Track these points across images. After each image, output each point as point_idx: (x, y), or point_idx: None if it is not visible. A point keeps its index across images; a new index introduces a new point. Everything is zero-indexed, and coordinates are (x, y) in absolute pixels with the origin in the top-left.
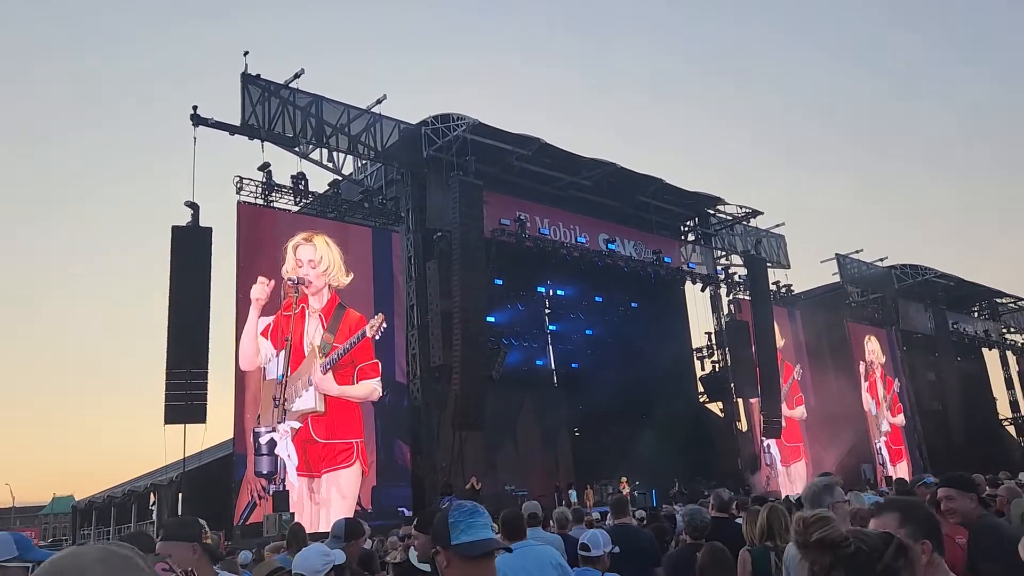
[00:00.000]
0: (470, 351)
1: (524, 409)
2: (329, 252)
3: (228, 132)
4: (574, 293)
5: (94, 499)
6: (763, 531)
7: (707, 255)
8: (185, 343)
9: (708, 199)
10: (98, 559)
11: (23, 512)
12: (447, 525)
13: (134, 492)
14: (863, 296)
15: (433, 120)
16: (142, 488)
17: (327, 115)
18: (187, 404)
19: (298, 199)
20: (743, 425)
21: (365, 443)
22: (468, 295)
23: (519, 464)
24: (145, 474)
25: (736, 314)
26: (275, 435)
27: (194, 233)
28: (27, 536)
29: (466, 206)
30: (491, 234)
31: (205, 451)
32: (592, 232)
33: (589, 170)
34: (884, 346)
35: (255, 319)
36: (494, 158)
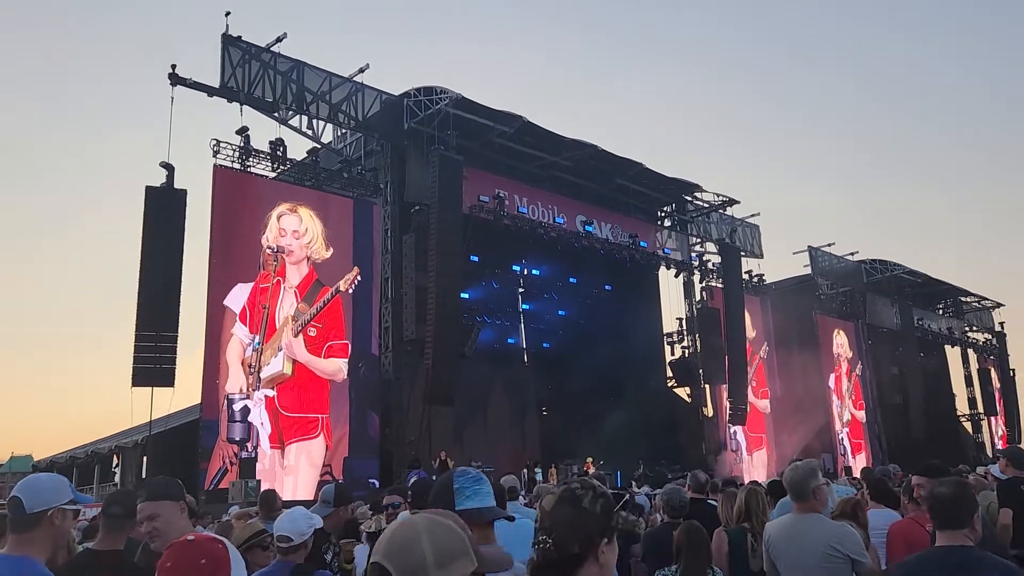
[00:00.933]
0: (443, 327)
1: (494, 387)
2: (313, 224)
3: (206, 94)
4: (549, 273)
5: (55, 459)
6: (740, 512)
7: (682, 241)
8: (155, 305)
9: (686, 185)
10: (426, 529)
11: None
12: (452, 491)
13: (97, 453)
14: (832, 289)
15: (416, 92)
16: (106, 450)
17: (308, 81)
18: (155, 367)
19: (276, 165)
20: (709, 411)
21: (331, 418)
22: (444, 270)
23: (487, 441)
24: (109, 436)
25: (708, 301)
26: (249, 402)
27: (168, 195)
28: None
29: (446, 181)
30: (469, 210)
31: (172, 415)
32: (570, 213)
33: (570, 151)
34: (852, 341)
35: (231, 329)
36: (475, 134)
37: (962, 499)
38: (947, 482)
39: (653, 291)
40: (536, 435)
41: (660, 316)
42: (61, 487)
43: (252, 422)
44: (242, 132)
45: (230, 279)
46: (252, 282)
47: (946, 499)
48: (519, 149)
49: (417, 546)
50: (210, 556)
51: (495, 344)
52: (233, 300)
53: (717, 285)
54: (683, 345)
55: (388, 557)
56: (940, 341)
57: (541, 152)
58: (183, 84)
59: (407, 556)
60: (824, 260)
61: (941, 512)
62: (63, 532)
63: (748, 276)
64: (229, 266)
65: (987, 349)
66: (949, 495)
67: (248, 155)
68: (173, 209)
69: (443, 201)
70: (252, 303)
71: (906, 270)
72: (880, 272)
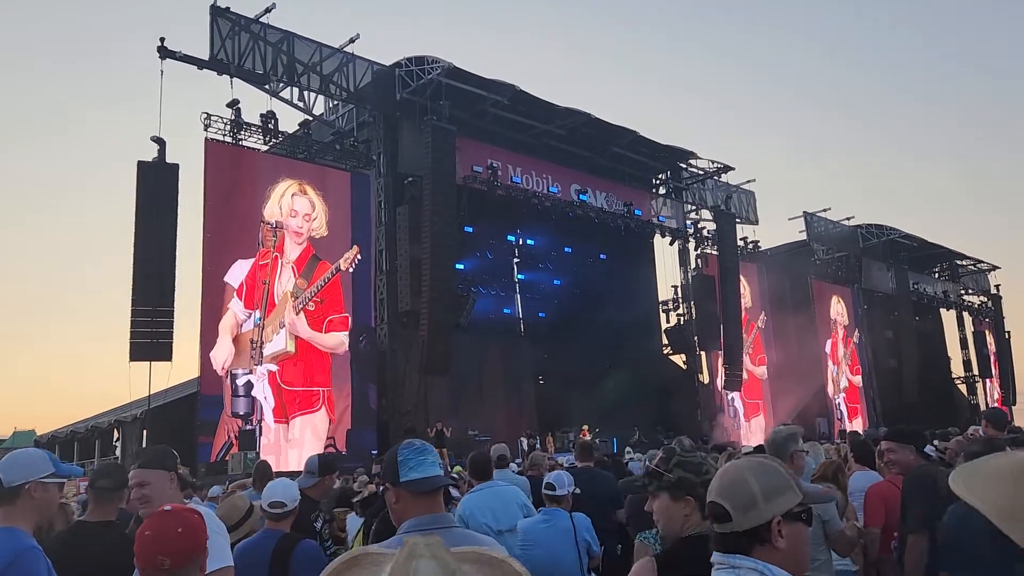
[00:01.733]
0: (438, 298)
1: (490, 357)
2: (322, 206)
3: (196, 67)
4: (544, 243)
5: (56, 433)
6: None
7: (677, 209)
8: (151, 281)
9: (681, 153)
10: (749, 469)
11: None
12: (396, 463)
13: (98, 428)
14: (828, 254)
15: (407, 62)
16: (106, 424)
17: (298, 53)
18: (152, 342)
19: (267, 138)
20: (705, 377)
21: (333, 391)
22: (438, 242)
23: (483, 410)
24: (109, 410)
25: (703, 268)
26: (252, 377)
27: (160, 169)
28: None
29: (438, 151)
30: (463, 181)
31: (170, 389)
32: (564, 182)
33: (563, 119)
34: (848, 307)
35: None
36: (468, 103)
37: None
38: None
39: (648, 259)
40: (532, 404)
41: (655, 284)
42: (39, 461)
43: (256, 396)
44: (233, 105)
45: (226, 254)
46: (251, 258)
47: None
48: (512, 118)
49: (744, 484)
50: (187, 525)
51: (491, 314)
52: (233, 276)
53: (712, 252)
54: (678, 312)
55: (722, 495)
56: (935, 305)
57: (534, 121)
58: (172, 57)
59: (739, 492)
60: (820, 225)
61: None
62: (46, 503)
63: (743, 243)
64: (225, 241)
65: (982, 312)
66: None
67: (239, 128)
68: (165, 184)
69: (436, 172)
70: (251, 279)
71: (902, 234)
72: (876, 237)
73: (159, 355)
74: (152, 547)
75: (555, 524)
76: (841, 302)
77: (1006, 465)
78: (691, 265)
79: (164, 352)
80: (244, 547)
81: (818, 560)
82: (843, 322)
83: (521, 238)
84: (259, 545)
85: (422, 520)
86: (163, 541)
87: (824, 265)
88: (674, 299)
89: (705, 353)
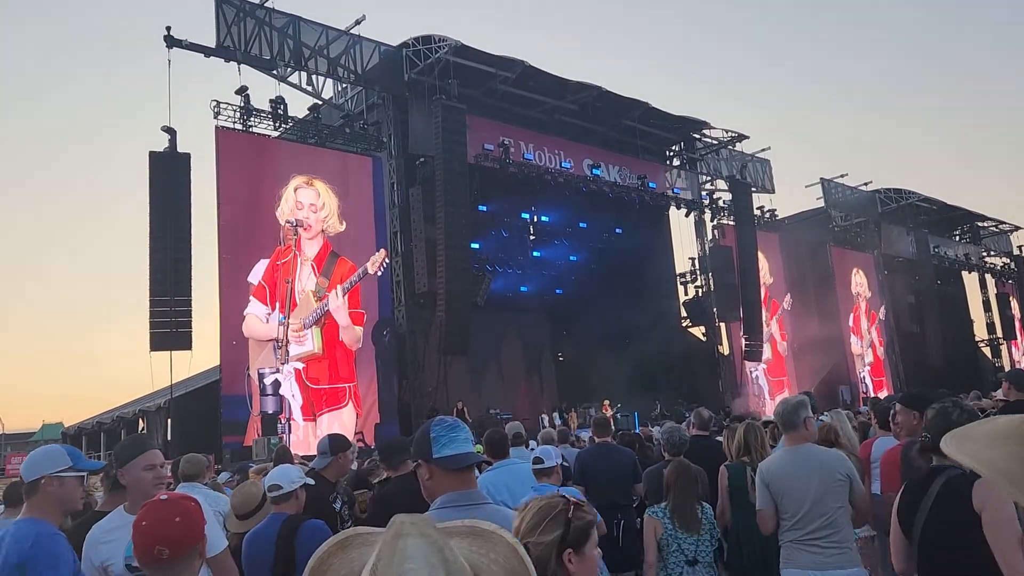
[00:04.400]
0: (454, 278)
1: (508, 335)
2: (330, 198)
3: (203, 54)
4: (558, 219)
5: (83, 425)
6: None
7: (692, 180)
8: (167, 271)
9: (694, 123)
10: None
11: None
12: (429, 440)
13: (123, 418)
14: (846, 220)
15: (414, 42)
16: (130, 414)
17: (305, 36)
18: (172, 331)
19: (277, 124)
20: (725, 349)
21: (359, 387)
22: (452, 222)
23: (504, 388)
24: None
25: (720, 239)
26: (279, 376)
27: (172, 159)
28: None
29: (449, 131)
30: (474, 159)
31: (192, 377)
32: (577, 157)
33: (574, 94)
34: (871, 279)
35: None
36: (477, 81)
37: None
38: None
39: (664, 231)
40: (552, 380)
41: (672, 256)
42: (55, 457)
43: (283, 395)
44: (242, 92)
45: (243, 246)
46: (269, 257)
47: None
48: (522, 95)
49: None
50: (184, 513)
51: (507, 292)
52: (254, 276)
53: (729, 223)
54: (696, 284)
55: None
56: (957, 268)
57: (545, 97)
58: (179, 46)
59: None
60: (837, 192)
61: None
62: (64, 496)
63: (760, 212)
64: (241, 232)
65: (1005, 273)
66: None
67: (249, 115)
68: (178, 174)
69: (447, 152)
70: (270, 278)
71: (921, 198)
72: (895, 201)
73: (179, 344)
74: (150, 537)
75: None
76: (861, 272)
77: (1003, 428)
78: (708, 236)
79: (184, 341)
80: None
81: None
82: (865, 295)
83: (535, 215)
84: (265, 529)
85: (454, 496)
86: (161, 531)
87: (843, 232)
88: (691, 271)
89: (725, 324)
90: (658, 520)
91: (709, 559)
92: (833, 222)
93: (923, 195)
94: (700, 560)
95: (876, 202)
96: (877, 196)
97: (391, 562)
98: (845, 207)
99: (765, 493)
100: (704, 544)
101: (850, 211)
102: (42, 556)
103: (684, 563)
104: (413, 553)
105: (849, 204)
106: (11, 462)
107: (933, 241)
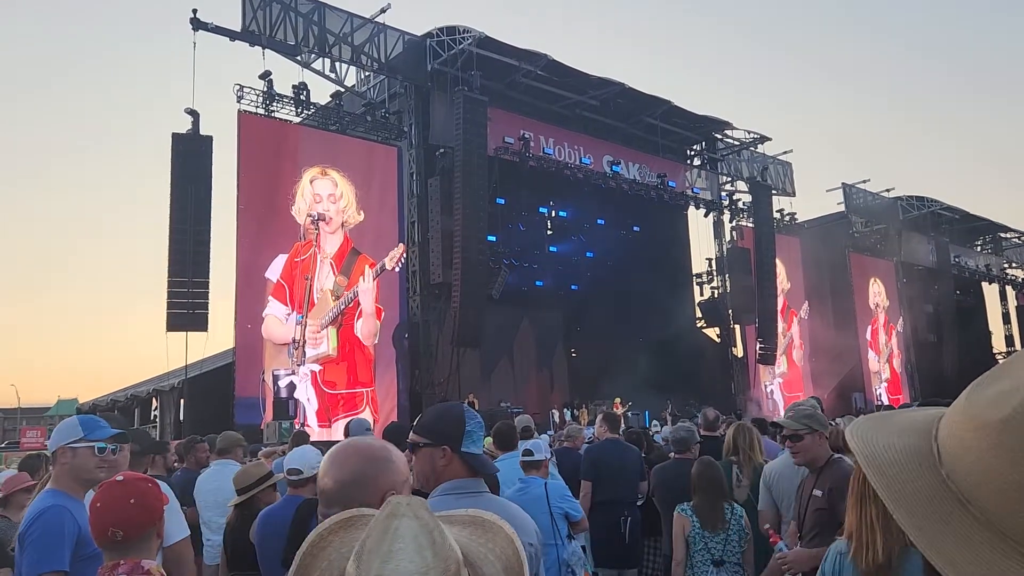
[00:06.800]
0: (470, 270)
1: (522, 329)
2: (347, 187)
3: (228, 38)
4: (576, 215)
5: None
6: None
7: (712, 180)
8: (186, 252)
9: (716, 123)
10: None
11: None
12: (463, 431)
13: (137, 397)
14: (867, 227)
15: (439, 32)
16: (144, 393)
17: (330, 23)
18: (189, 312)
19: (299, 110)
20: (739, 351)
21: (377, 391)
22: (469, 214)
23: (515, 382)
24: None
25: (738, 241)
26: (295, 378)
27: (194, 141)
28: (96, 417)
29: (470, 123)
30: (494, 152)
31: (207, 359)
32: (597, 153)
33: (596, 89)
34: (890, 288)
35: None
36: (500, 74)
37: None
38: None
39: (682, 231)
40: (564, 376)
41: (689, 257)
42: (70, 428)
43: (299, 399)
44: (265, 77)
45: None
46: (288, 252)
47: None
48: (544, 89)
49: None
50: (140, 495)
51: (522, 286)
52: (272, 272)
53: (748, 225)
54: (712, 285)
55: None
56: (977, 278)
57: (567, 91)
58: (204, 29)
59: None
60: (859, 197)
61: None
62: (79, 467)
63: (780, 215)
64: (259, 221)
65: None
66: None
67: (272, 100)
68: (200, 156)
69: (467, 143)
70: (288, 276)
71: (944, 206)
72: (916, 209)
73: (195, 325)
74: (104, 518)
75: (528, 492)
76: (879, 282)
77: (913, 417)
78: (726, 237)
79: (200, 323)
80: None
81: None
82: (884, 304)
83: (553, 210)
84: (281, 510)
85: (458, 483)
86: (114, 512)
87: (863, 238)
88: (708, 272)
89: (739, 327)
90: (687, 518)
91: (736, 559)
92: (853, 228)
93: (946, 203)
94: (727, 560)
95: (898, 209)
96: (899, 203)
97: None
98: (866, 213)
99: (766, 495)
100: (732, 544)
101: (871, 217)
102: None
103: (710, 563)
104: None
105: (870, 210)
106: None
107: (954, 251)
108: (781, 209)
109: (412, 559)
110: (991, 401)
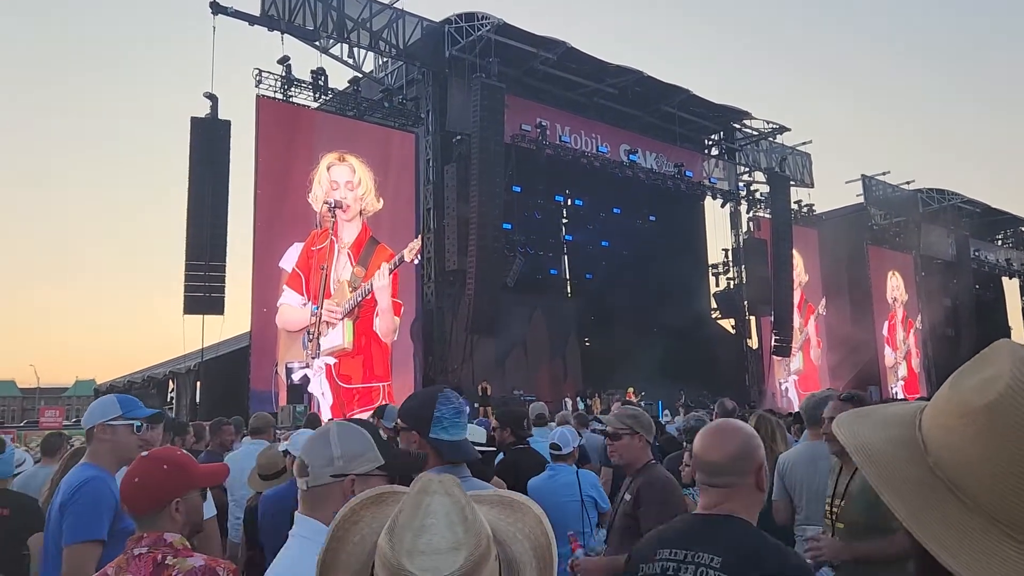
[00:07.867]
0: (485, 257)
1: (536, 317)
2: (365, 173)
3: (248, 22)
4: (592, 203)
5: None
6: None
7: (730, 170)
8: (204, 235)
9: (735, 113)
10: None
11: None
12: (431, 418)
13: (153, 378)
14: (886, 219)
15: (457, 19)
16: (161, 375)
17: (348, 8)
18: (205, 296)
19: (317, 95)
20: (754, 343)
21: (394, 386)
22: (485, 201)
23: (528, 370)
24: (164, 361)
25: (755, 232)
26: (308, 371)
27: (213, 125)
28: (133, 397)
29: (487, 110)
30: (511, 140)
31: (223, 342)
32: (614, 142)
33: (614, 77)
34: (908, 281)
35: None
36: (518, 61)
37: None
38: None
39: (698, 221)
40: (577, 365)
41: (705, 247)
42: (107, 406)
43: (312, 392)
44: (283, 62)
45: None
46: (304, 241)
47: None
48: (562, 76)
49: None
50: (170, 460)
51: (537, 275)
52: (287, 262)
53: (765, 215)
54: (728, 276)
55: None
56: (998, 272)
57: (585, 79)
58: (224, 13)
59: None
60: (878, 189)
61: None
62: (118, 444)
63: (797, 206)
64: (276, 207)
65: None
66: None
67: (290, 85)
68: (218, 140)
69: (484, 130)
70: (304, 265)
71: (964, 199)
72: (937, 202)
73: (212, 309)
74: (121, 493)
75: (558, 478)
76: (898, 275)
77: (900, 411)
78: (742, 228)
79: (217, 306)
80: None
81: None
82: (902, 299)
83: (569, 198)
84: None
85: (438, 469)
86: (124, 488)
87: (882, 231)
88: (724, 262)
89: (755, 318)
90: (694, 502)
91: None
92: (872, 220)
93: (966, 196)
94: None
95: (918, 202)
96: (919, 196)
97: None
98: (885, 205)
99: (780, 485)
100: None
101: (890, 210)
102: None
103: None
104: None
105: (889, 203)
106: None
107: (974, 244)
108: (799, 200)
109: (444, 535)
110: (975, 388)
